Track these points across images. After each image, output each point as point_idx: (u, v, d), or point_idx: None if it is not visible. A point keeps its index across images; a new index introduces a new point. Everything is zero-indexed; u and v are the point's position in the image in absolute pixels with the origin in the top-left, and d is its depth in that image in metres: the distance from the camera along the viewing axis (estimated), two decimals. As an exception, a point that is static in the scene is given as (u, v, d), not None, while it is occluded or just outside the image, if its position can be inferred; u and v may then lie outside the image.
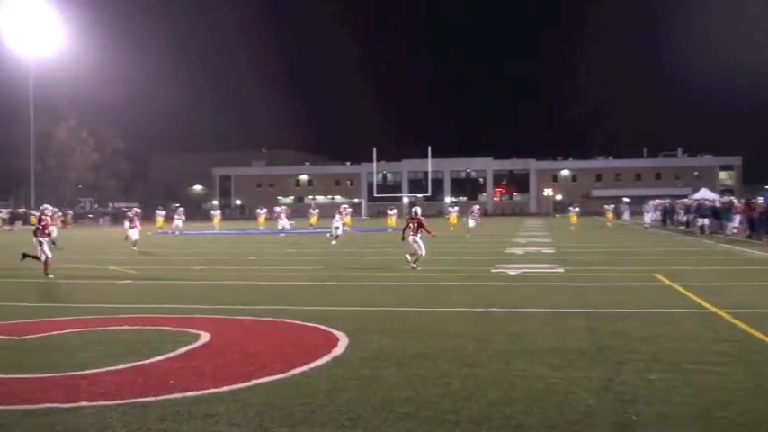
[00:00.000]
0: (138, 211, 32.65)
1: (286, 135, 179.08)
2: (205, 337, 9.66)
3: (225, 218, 69.77)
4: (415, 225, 19.42)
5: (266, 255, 26.90)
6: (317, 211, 51.80)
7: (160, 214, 50.20)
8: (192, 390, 6.88)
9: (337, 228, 33.51)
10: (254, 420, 5.99)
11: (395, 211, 50.87)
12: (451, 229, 44.41)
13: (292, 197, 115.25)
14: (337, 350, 8.71)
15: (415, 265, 18.74)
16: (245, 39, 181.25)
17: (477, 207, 46.04)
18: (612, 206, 53.26)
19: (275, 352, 8.72)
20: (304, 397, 6.65)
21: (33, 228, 20.03)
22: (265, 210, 54.48)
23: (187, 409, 6.26)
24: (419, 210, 20.40)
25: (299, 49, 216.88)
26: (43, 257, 18.23)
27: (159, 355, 8.52)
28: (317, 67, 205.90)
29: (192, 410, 6.24)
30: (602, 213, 55.54)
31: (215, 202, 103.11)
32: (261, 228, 51.18)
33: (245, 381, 7.21)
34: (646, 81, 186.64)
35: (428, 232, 19.74)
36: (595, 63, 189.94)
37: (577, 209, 52.48)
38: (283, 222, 42.99)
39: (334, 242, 31.95)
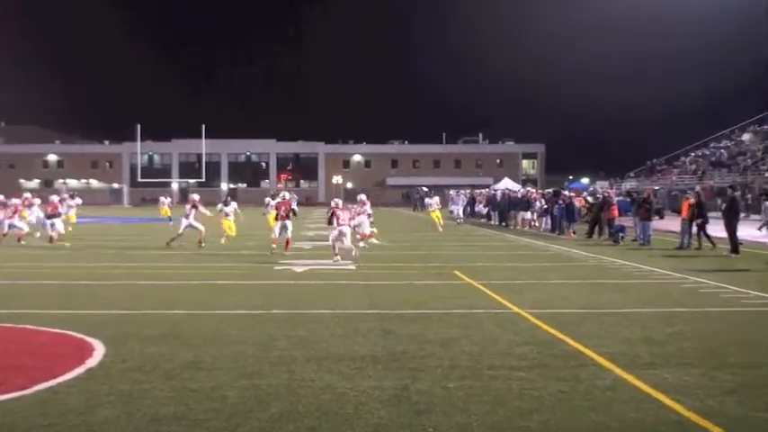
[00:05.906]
0: None
1: (29, 108, 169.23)
2: (-76, 349, 9.02)
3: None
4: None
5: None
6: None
7: None
8: None
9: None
10: (-15, 447, 5.65)
11: (168, 198, 48.66)
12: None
13: (38, 180, 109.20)
14: (92, 361, 8.45)
15: None
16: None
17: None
18: (437, 198, 45.50)
19: (15, 365, 8.26)
20: (51, 417, 6.38)
21: None
22: None
23: None
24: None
25: (45, 9, 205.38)
26: None
27: None
28: (69, 29, 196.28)
29: None
30: (397, 205, 53.72)
31: None
32: None
33: (-25, 400, 6.78)
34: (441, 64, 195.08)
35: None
36: (384, 44, 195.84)
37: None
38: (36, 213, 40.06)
39: (363, 244, 25.30)
